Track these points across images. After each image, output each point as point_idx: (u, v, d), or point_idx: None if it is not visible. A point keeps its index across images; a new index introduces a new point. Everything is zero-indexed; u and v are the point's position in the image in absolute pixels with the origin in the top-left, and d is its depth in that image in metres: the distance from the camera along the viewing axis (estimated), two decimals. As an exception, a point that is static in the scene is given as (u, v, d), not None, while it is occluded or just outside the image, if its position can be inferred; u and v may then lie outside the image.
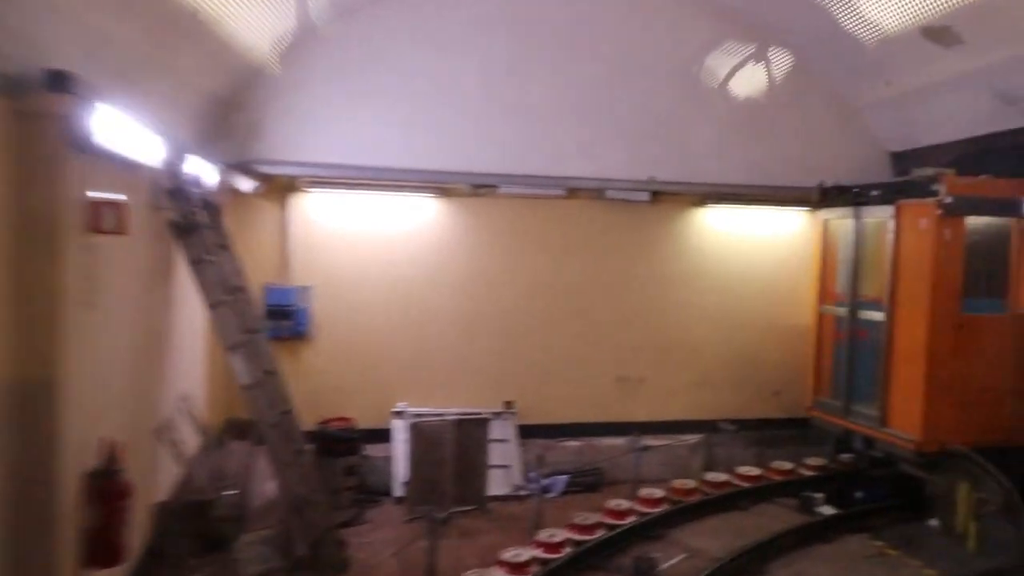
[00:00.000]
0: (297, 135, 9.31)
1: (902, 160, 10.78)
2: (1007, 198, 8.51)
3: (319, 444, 8.38)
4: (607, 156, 10.21)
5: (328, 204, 9.71)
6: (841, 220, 9.95)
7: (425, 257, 10.02)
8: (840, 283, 10.06)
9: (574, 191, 10.30)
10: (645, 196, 10.38)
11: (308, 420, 8.27)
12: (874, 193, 9.27)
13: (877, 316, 9.18)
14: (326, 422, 9.08)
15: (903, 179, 8.89)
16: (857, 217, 9.54)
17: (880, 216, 9.21)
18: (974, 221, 8.48)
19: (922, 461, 8.45)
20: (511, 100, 9.89)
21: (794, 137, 10.77)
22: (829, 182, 10.09)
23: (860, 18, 8.91)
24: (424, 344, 10.03)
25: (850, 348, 9.62)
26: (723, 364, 10.92)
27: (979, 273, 8.60)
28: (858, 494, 9.11)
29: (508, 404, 10.10)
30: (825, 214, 10.17)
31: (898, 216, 8.85)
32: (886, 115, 10.65)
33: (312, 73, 9.28)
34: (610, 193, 10.26)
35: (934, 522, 8.47)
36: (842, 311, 9.76)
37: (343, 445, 8.89)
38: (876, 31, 8.97)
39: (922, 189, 8.54)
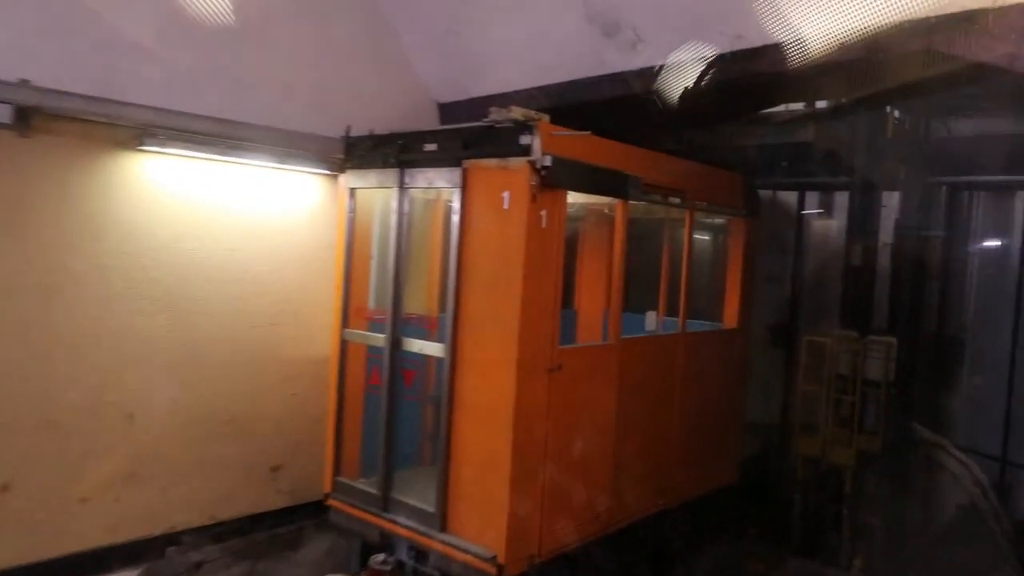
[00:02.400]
0: None
1: (453, 116, 7.54)
2: (617, 172, 5.71)
3: None
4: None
5: None
6: (378, 191, 6.18)
7: None
8: (377, 294, 6.31)
9: None
10: (5, 117, 5.11)
11: None
12: (429, 147, 5.67)
13: (433, 349, 5.62)
14: None
15: (477, 125, 5.52)
16: (403, 186, 5.84)
17: (438, 185, 5.66)
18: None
19: (505, 591, 5.11)
20: None
21: (312, 63, 6.68)
22: (361, 130, 6.22)
23: None
24: None
25: (391, 400, 5.88)
26: (181, 432, 6.23)
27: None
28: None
29: None
30: (353, 179, 6.25)
31: (466, 185, 5.39)
32: (435, 49, 7.28)
33: None
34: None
35: None
36: (379, 339, 5.97)
37: None
38: None
39: (506, 143, 5.20)
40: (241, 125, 6.17)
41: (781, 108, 8.28)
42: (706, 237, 12.22)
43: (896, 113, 8.50)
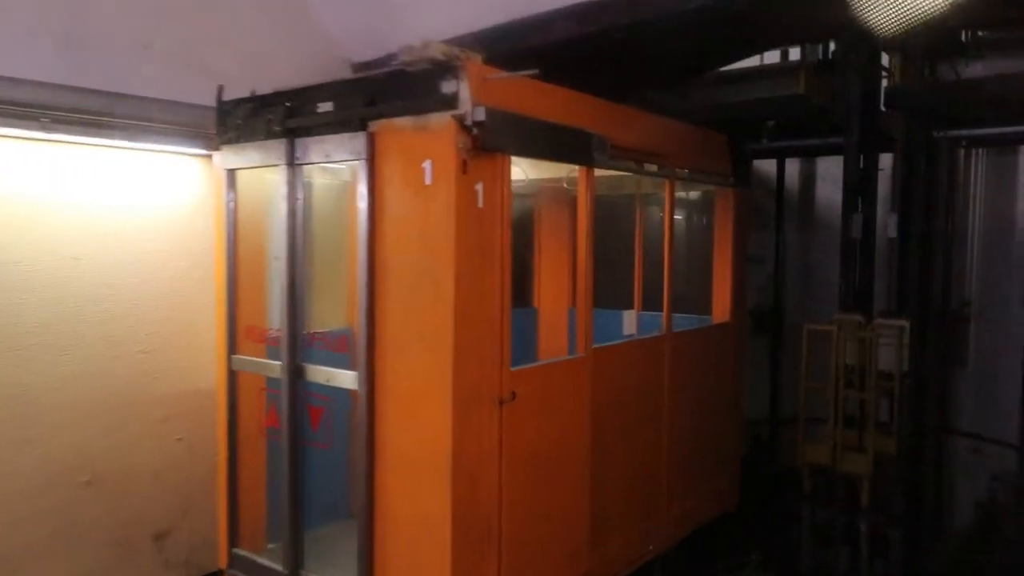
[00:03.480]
0: None
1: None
2: (577, 131, 4.33)
3: None
4: None
5: None
6: (264, 171, 4.69)
7: None
8: (272, 307, 4.84)
9: None
10: None
11: None
12: (324, 107, 4.21)
13: (345, 378, 4.18)
14: None
15: (384, 72, 4.09)
16: (293, 161, 4.37)
17: (339, 158, 4.21)
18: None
19: None
20: None
21: (177, 12, 5.18)
22: (239, 93, 4.73)
23: None
24: None
25: (292, 447, 4.43)
26: (27, 504, 4.69)
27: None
28: None
29: None
30: (231, 157, 4.75)
31: (375, 156, 3.95)
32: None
33: None
34: None
35: None
36: (276, 366, 4.50)
37: None
38: None
39: (423, 94, 3.78)
40: (78, 92, 4.63)
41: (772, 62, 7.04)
42: (678, 217, 10.97)
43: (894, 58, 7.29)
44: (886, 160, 8.11)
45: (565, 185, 5.83)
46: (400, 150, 3.84)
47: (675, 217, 10.50)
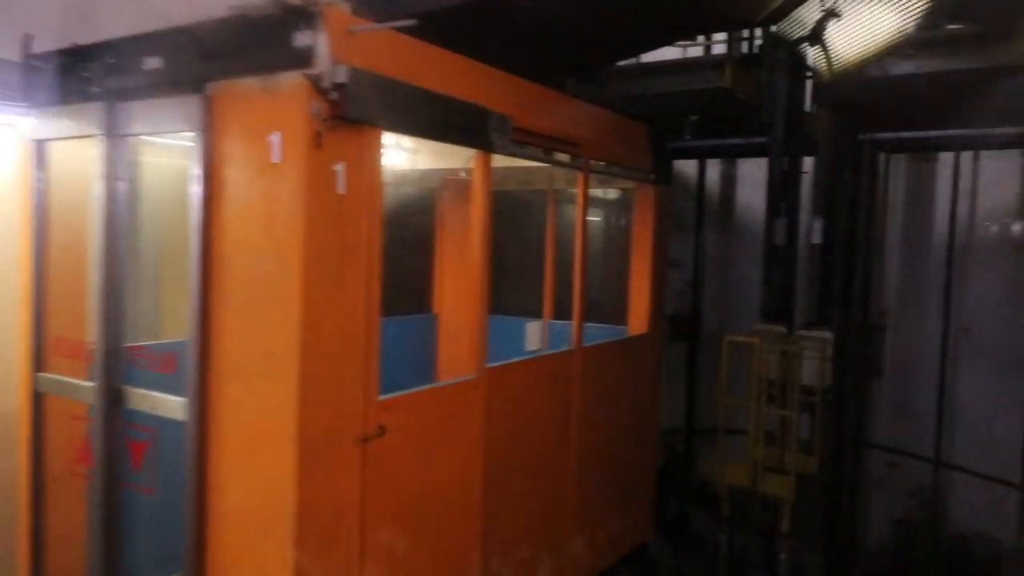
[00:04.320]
0: None
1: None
2: (472, 106, 3.58)
3: None
4: None
5: None
6: (79, 143, 3.74)
7: None
8: (91, 314, 3.89)
9: None
10: None
11: None
12: (152, 63, 3.31)
13: (172, 405, 3.29)
14: None
15: (225, 18, 3.24)
16: (112, 133, 3.45)
17: (168, 128, 3.33)
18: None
19: None
20: None
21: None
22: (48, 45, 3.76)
23: None
24: None
25: (109, 487, 3.51)
26: None
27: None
28: None
29: None
30: (41, 125, 3.77)
31: (212, 126, 3.10)
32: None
33: None
34: None
35: None
36: (89, 388, 3.57)
37: None
38: None
39: (271, 47, 2.96)
40: None
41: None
42: (596, 218, 10.41)
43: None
44: (807, 164, 7.75)
45: (464, 175, 5.09)
46: (244, 119, 3.01)
47: (592, 217, 9.93)
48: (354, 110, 2.89)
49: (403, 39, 3.19)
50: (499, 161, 3.90)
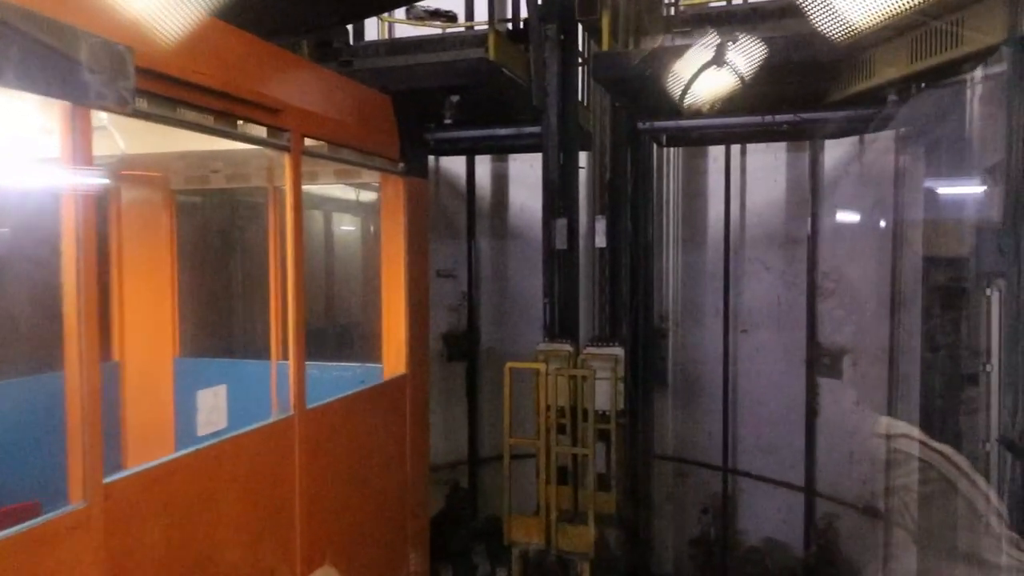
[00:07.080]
0: None
1: None
2: (62, 26, 1.96)
3: None
4: None
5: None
6: None
7: None
8: None
9: None
10: None
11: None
12: None
13: None
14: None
15: None
16: None
17: None
18: None
19: None
20: None
21: None
22: None
23: None
24: None
25: None
26: None
27: None
28: None
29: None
30: None
31: None
32: None
33: None
34: None
35: None
36: None
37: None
38: None
39: None
40: None
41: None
42: (350, 227, 8.93)
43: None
44: (583, 160, 6.91)
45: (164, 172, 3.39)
46: None
47: (347, 226, 8.41)
48: None
49: None
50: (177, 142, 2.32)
